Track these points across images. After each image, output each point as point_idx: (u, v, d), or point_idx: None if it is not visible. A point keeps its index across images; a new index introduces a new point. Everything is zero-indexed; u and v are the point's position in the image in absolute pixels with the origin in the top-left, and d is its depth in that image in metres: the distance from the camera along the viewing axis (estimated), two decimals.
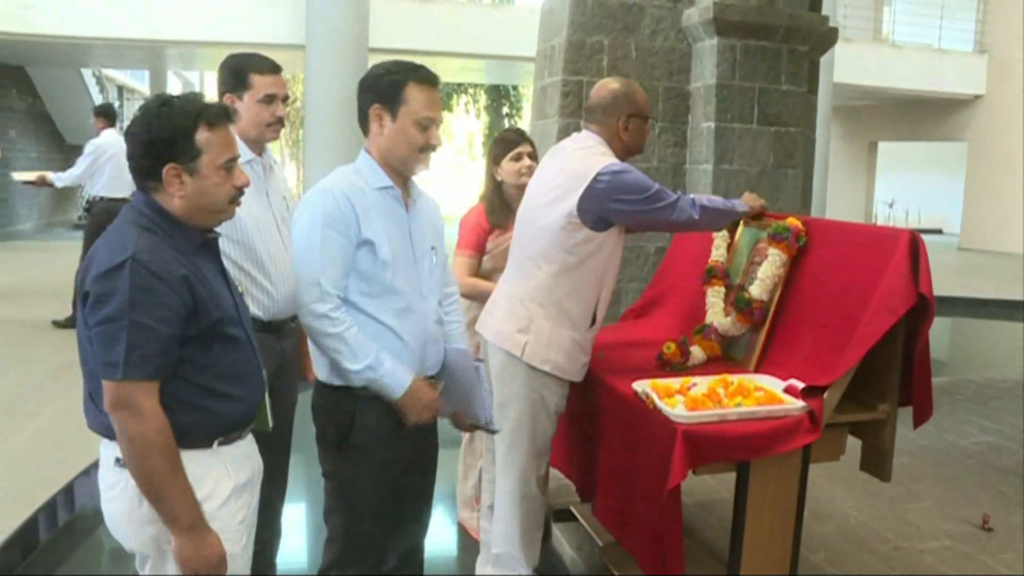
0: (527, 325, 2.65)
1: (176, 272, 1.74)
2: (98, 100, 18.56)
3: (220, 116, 1.81)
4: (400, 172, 2.29)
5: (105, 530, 1.97)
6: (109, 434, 1.77)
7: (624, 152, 2.75)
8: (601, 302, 2.75)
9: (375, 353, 2.18)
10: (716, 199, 2.77)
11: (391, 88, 2.20)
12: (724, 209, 2.76)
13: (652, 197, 2.58)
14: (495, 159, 3.37)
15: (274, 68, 2.64)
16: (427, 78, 2.23)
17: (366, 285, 2.20)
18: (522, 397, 2.69)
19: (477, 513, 3.53)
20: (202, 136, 1.77)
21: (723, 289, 2.91)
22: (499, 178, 3.37)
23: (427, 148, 2.26)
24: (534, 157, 3.36)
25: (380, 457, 2.27)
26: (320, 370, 2.30)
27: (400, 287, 2.24)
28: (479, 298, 3.16)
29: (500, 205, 3.37)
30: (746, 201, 2.88)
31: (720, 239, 3.03)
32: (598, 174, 2.56)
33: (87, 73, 18.08)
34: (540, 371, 2.66)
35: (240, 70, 2.60)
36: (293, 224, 2.29)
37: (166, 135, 1.75)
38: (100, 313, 1.68)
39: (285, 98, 2.67)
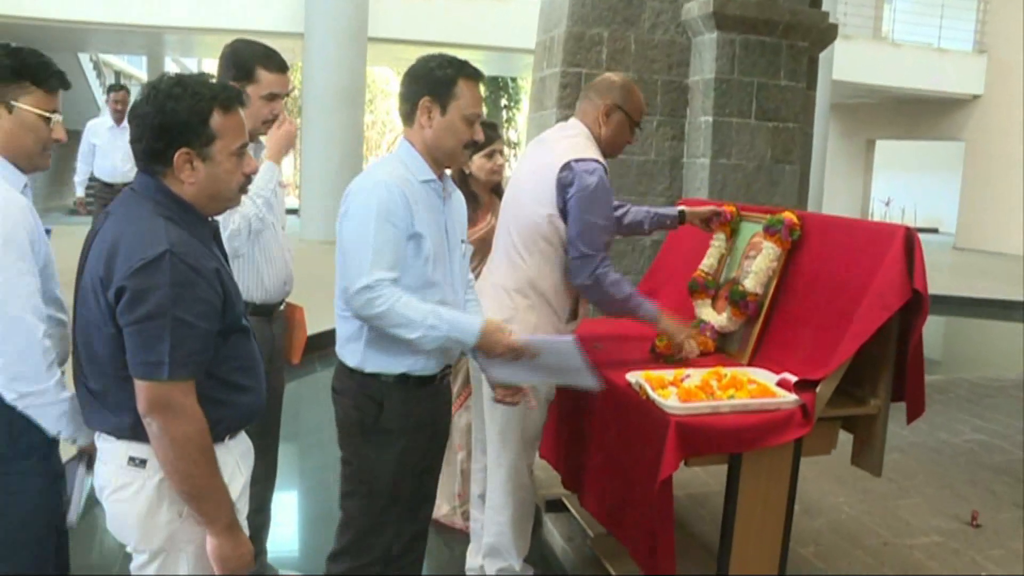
0: (511, 315, 2.66)
1: (209, 265, 1.69)
2: (95, 85, 18.50)
3: (234, 100, 1.75)
4: (442, 165, 2.29)
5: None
6: (120, 434, 1.72)
7: (603, 145, 2.76)
8: (582, 296, 2.77)
9: (432, 312, 2.14)
10: (635, 297, 2.71)
11: (443, 82, 2.19)
12: (628, 307, 2.70)
13: (589, 230, 2.60)
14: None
15: (283, 67, 2.61)
16: (476, 75, 2.25)
17: (409, 278, 2.17)
18: None
19: (455, 505, 3.54)
20: (217, 120, 1.70)
21: (708, 300, 2.92)
22: (467, 171, 3.37)
23: (470, 144, 2.28)
24: (503, 154, 3.41)
25: (403, 443, 2.26)
26: (351, 355, 2.25)
27: (438, 280, 2.24)
28: None
29: (468, 196, 3.33)
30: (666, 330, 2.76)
31: (717, 243, 3.01)
32: (568, 162, 2.61)
33: (84, 58, 18.01)
34: None
35: (248, 62, 2.55)
36: (343, 215, 2.19)
37: (181, 118, 1.67)
38: (139, 310, 1.60)
39: (286, 95, 2.65)
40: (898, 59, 17.75)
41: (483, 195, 3.43)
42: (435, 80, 2.20)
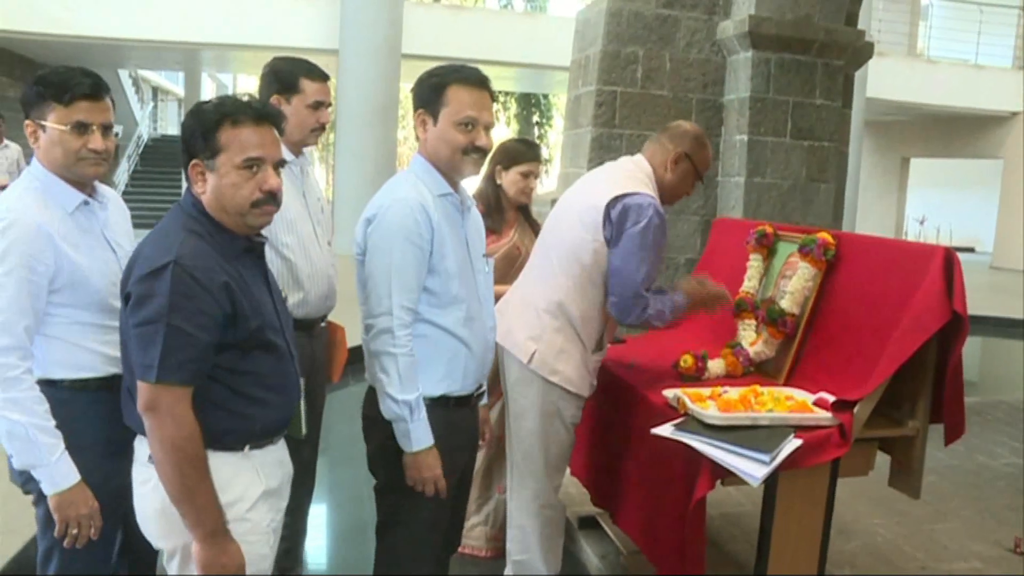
0: (539, 334, 2.65)
1: (217, 279, 1.73)
2: (134, 101, 18.84)
3: (246, 115, 1.77)
4: (451, 177, 2.23)
5: None
6: (142, 431, 1.77)
7: (663, 190, 2.72)
8: (609, 326, 2.75)
9: (419, 395, 2.11)
10: (671, 311, 2.66)
11: (433, 91, 2.16)
12: (672, 322, 2.69)
13: (648, 267, 2.54)
14: (502, 165, 3.30)
15: (324, 76, 2.68)
16: (469, 78, 2.16)
17: (435, 297, 2.15)
18: (537, 408, 2.67)
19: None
20: (224, 134, 1.75)
21: (754, 322, 2.89)
22: (499, 181, 3.31)
23: (472, 150, 2.17)
24: (537, 176, 3.38)
25: (444, 465, 2.20)
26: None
27: (463, 296, 2.19)
28: None
29: (497, 210, 3.32)
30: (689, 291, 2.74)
31: (755, 263, 3.00)
32: (623, 195, 2.55)
33: (124, 74, 18.36)
34: (552, 383, 2.65)
35: (291, 74, 2.62)
36: (370, 234, 2.15)
37: (192, 131, 1.77)
38: (139, 314, 1.69)
39: (329, 105, 2.71)
40: (933, 76, 17.56)
41: (510, 211, 3.38)
42: (425, 91, 2.17)
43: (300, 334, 2.58)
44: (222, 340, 1.75)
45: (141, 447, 1.82)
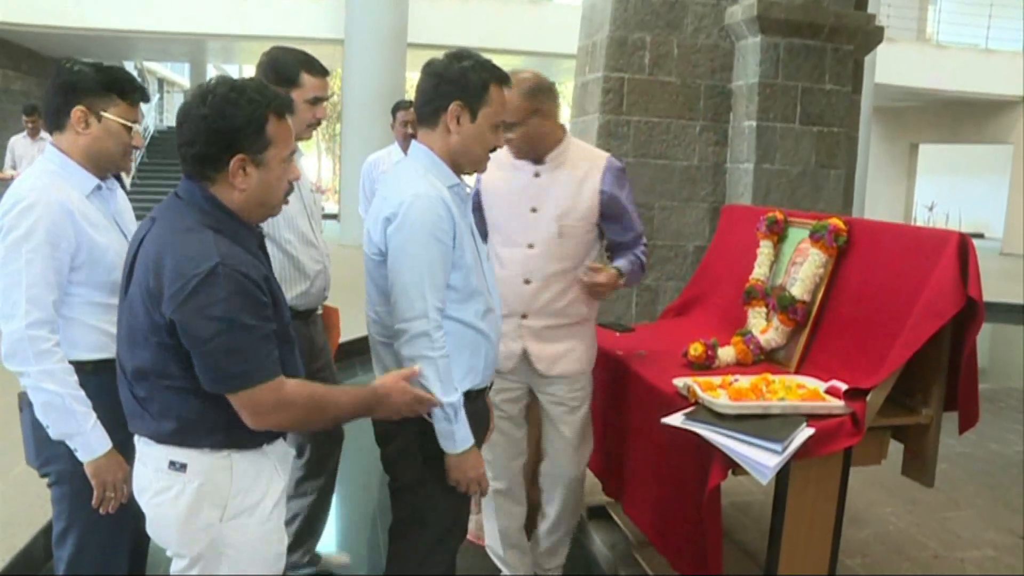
0: None
1: (258, 272, 1.69)
2: None
3: (286, 107, 1.75)
4: (462, 171, 2.16)
5: None
6: (160, 438, 1.73)
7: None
8: None
9: (460, 395, 2.06)
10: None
11: (477, 87, 2.06)
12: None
13: None
14: None
15: (324, 71, 2.67)
16: (507, 80, 2.15)
17: (456, 292, 2.08)
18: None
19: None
20: (272, 127, 1.70)
21: (764, 309, 2.87)
22: None
23: (494, 150, 2.18)
24: None
25: None
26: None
27: (480, 288, 2.14)
28: None
29: None
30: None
31: (765, 250, 2.97)
32: None
33: (130, 66, 18.35)
34: None
35: (291, 66, 2.60)
36: (392, 234, 2.03)
37: (238, 123, 1.66)
38: (207, 331, 1.60)
39: (326, 100, 2.71)
40: (943, 61, 17.45)
41: None
42: (469, 84, 2.06)
43: (298, 322, 2.61)
44: None
45: (157, 453, 1.75)
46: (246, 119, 1.66)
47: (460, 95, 2.06)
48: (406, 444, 2.16)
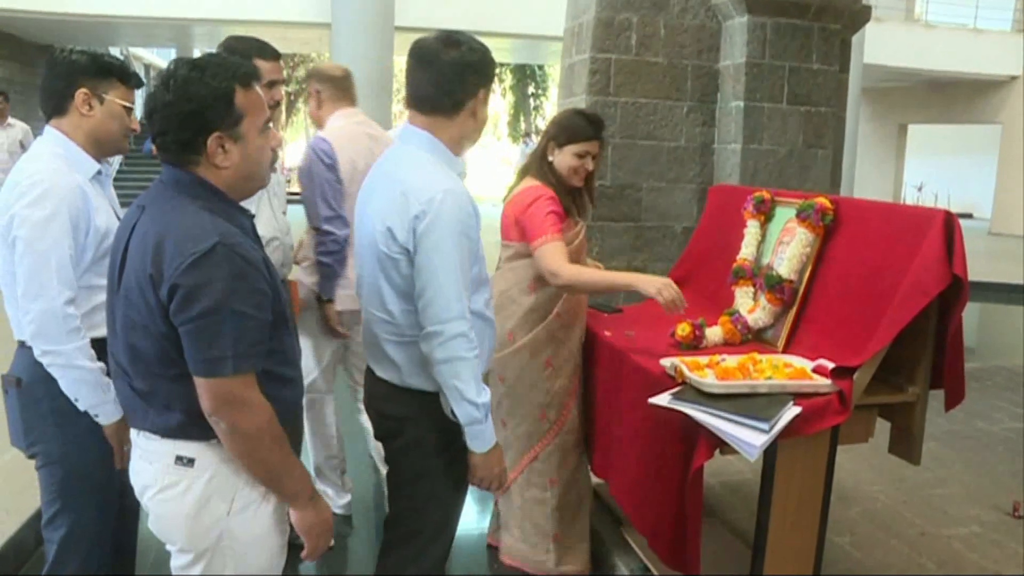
0: None
1: (256, 254, 1.65)
2: None
3: (252, 76, 1.70)
4: (459, 151, 2.10)
5: None
6: (166, 433, 1.68)
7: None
8: None
9: (489, 395, 2.00)
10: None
11: (491, 71, 2.04)
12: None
13: None
14: (557, 142, 2.86)
15: (276, 54, 2.79)
16: None
17: (473, 283, 2.02)
18: None
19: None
20: (240, 98, 1.65)
21: (751, 289, 2.87)
22: (550, 158, 2.87)
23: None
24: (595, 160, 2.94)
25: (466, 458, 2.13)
26: (428, 381, 2.03)
27: (487, 277, 2.11)
28: (588, 290, 2.93)
29: (562, 191, 2.88)
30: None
31: (752, 230, 2.96)
32: None
33: (115, 52, 18.18)
34: None
35: (244, 53, 2.61)
36: (424, 233, 1.90)
37: (206, 102, 1.61)
38: (196, 307, 1.54)
39: (282, 83, 2.83)
40: (932, 41, 17.44)
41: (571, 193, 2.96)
42: (490, 72, 2.02)
43: None
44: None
45: (163, 448, 1.70)
46: (213, 96, 1.62)
47: (485, 83, 2.03)
48: (418, 444, 2.11)
